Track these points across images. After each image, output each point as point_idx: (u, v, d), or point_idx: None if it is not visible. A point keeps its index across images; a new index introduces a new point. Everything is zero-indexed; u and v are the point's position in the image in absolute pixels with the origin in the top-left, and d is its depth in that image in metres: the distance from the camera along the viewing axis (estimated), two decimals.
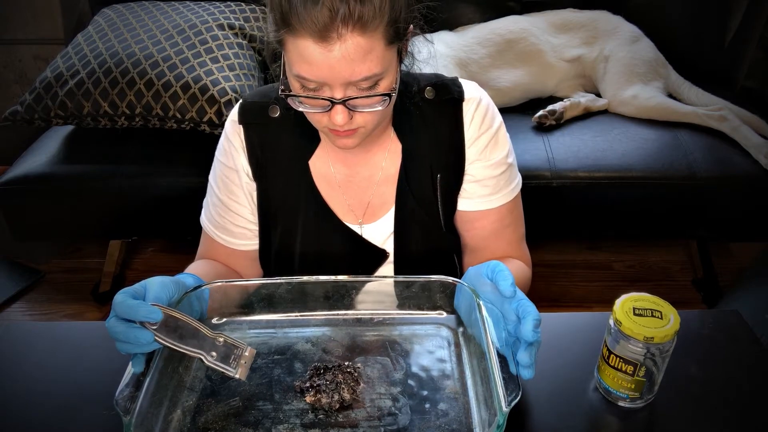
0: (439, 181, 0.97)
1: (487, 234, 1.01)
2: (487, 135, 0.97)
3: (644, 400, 0.78)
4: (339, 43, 0.75)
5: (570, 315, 0.97)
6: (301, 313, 0.88)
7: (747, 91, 2.05)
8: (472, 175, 0.98)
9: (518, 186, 1.01)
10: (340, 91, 0.79)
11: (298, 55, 0.77)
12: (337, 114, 0.81)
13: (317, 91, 0.80)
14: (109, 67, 1.68)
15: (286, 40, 0.78)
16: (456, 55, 1.93)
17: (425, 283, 0.87)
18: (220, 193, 1.00)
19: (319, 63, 0.76)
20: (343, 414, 0.74)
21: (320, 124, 0.86)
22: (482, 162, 0.97)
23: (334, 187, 0.99)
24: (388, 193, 0.99)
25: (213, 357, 0.72)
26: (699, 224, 1.81)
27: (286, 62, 0.81)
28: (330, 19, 0.73)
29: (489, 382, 0.71)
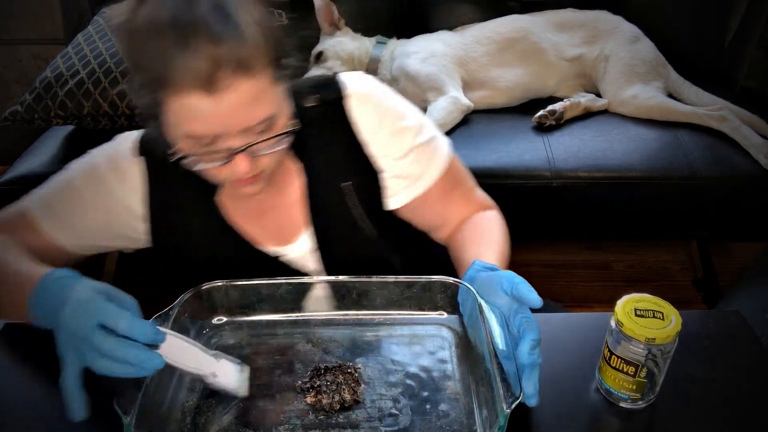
0: (348, 189, 0.93)
1: (437, 212, 0.98)
2: (386, 126, 0.92)
3: (645, 401, 0.78)
4: (227, 91, 0.71)
5: (570, 315, 0.97)
6: (302, 313, 0.88)
7: (747, 91, 2.05)
8: (389, 170, 0.94)
9: (443, 152, 0.97)
10: (237, 140, 0.76)
11: (185, 113, 0.73)
12: (240, 164, 0.77)
13: (212, 145, 0.76)
14: (109, 67, 1.68)
15: (166, 100, 0.73)
16: (456, 54, 1.93)
17: (426, 283, 0.87)
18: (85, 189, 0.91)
19: (211, 116, 0.72)
20: (343, 415, 0.74)
21: (220, 177, 0.81)
22: (391, 156, 0.93)
23: (247, 219, 0.95)
24: (299, 216, 0.95)
25: (215, 377, 0.72)
26: (699, 224, 1.81)
27: (170, 123, 0.76)
28: (213, 67, 0.69)
29: (490, 383, 0.71)
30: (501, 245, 0.92)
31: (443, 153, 0.97)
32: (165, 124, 0.77)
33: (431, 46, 1.94)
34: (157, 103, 0.75)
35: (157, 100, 0.74)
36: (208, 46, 0.69)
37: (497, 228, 0.96)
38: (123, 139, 0.93)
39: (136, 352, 0.64)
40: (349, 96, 0.92)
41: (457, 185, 0.99)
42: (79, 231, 0.92)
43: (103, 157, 0.92)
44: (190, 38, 0.69)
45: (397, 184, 0.95)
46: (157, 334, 0.66)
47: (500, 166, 1.69)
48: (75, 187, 0.91)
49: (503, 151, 1.73)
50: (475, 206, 1.01)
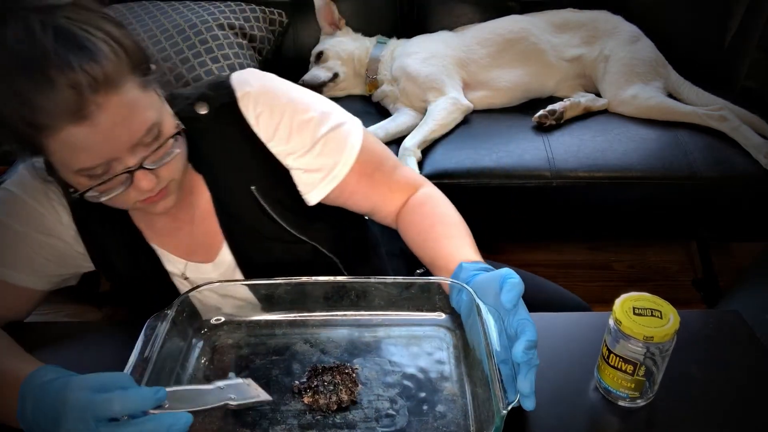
0: (257, 193, 0.90)
1: (363, 197, 0.95)
2: (285, 123, 0.88)
3: (644, 399, 0.78)
4: (98, 112, 0.69)
5: (570, 315, 0.97)
6: (300, 313, 0.88)
7: (747, 91, 2.04)
8: (297, 167, 0.91)
9: (354, 138, 0.92)
10: (131, 158, 0.74)
11: (67, 150, 0.70)
12: (142, 181, 0.75)
13: (108, 173, 0.74)
14: None
15: (44, 143, 0.70)
16: (456, 54, 1.93)
17: (424, 284, 0.87)
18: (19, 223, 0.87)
19: (93, 143, 0.70)
20: (340, 415, 0.74)
21: (129, 202, 0.79)
22: (297, 152, 0.90)
23: (162, 237, 0.93)
24: (215, 229, 0.92)
25: (232, 398, 0.72)
26: (699, 224, 1.81)
27: (57, 165, 0.74)
28: (75, 95, 0.67)
29: (487, 384, 0.70)
30: (464, 229, 0.90)
31: (353, 138, 0.92)
32: (55, 167, 0.75)
33: (431, 47, 1.94)
34: (36, 151, 0.73)
35: (35, 147, 0.72)
36: (63, 76, 0.66)
37: (448, 209, 0.94)
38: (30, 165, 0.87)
39: (154, 424, 0.61)
40: (241, 97, 0.88)
41: (376, 167, 0.95)
42: (35, 264, 0.89)
43: (16, 186, 0.89)
44: (44, 74, 0.66)
45: (311, 178, 0.92)
46: (157, 393, 0.63)
47: (500, 166, 1.69)
48: (4, 224, 0.87)
49: (503, 151, 1.73)
50: (404, 186, 0.97)
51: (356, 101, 2.06)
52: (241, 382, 0.74)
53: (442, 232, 0.91)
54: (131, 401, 0.62)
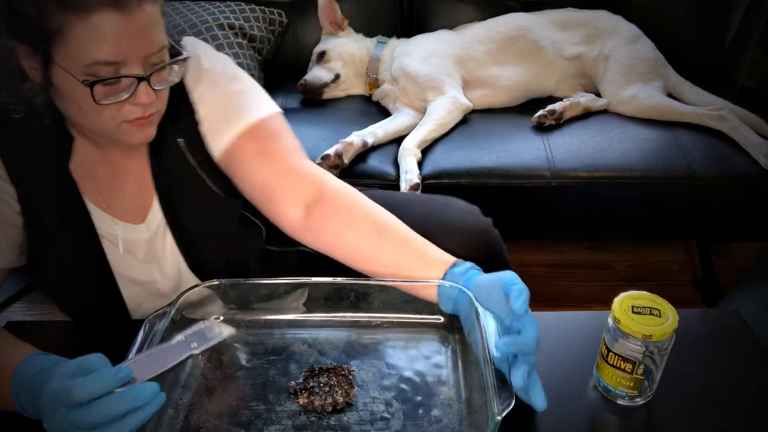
0: (184, 146, 0.91)
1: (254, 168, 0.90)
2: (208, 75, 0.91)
3: (643, 398, 0.77)
4: (136, 9, 0.72)
5: (569, 314, 0.97)
6: (299, 314, 0.88)
7: (747, 91, 2.04)
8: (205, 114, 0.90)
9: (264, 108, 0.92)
10: (140, 67, 0.76)
11: (91, 36, 0.71)
12: (143, 94, 0.77)
13: (115, 75, 0.75)
14: None
15: (67, 26, 0.70)
16: (455, 53, 1.93)
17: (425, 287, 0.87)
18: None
19: (119, 36, 0.72)
20: (335, 417, 0.73)
21: (114, 120, 0.79)
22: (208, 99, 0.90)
23: (99, 191, 0.91)
24: (147, 188, 0.92)
25: (195, 346, 0.72)
26: (699, 224, 1.81)
27: (68, 58, 0.73)
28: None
29: (483, 389, 0.70)
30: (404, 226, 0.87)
31: (261, 108, 0.92)
32: (61, 62, 0.73)
33: (431, 46, 1.94)
34: (57, 32, 0.71)
35: (52, 32, 0.71)
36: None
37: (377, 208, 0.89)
38: None
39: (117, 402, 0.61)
40: None
41: (274, 140, 0.92)
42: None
43: None
44: None
45: (211, 124, 0.91)
46: (118, 373, 0.62)
47: (500, 166, 1.69)
48: None
49: (503, 151, 1.73)
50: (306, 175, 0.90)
51: (356, 101, 2.06)
52: (203, 326, 0.75)
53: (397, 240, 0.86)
54: (93, 385, 0.61)
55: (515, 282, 0.74)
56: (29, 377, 0.68)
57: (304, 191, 0.89)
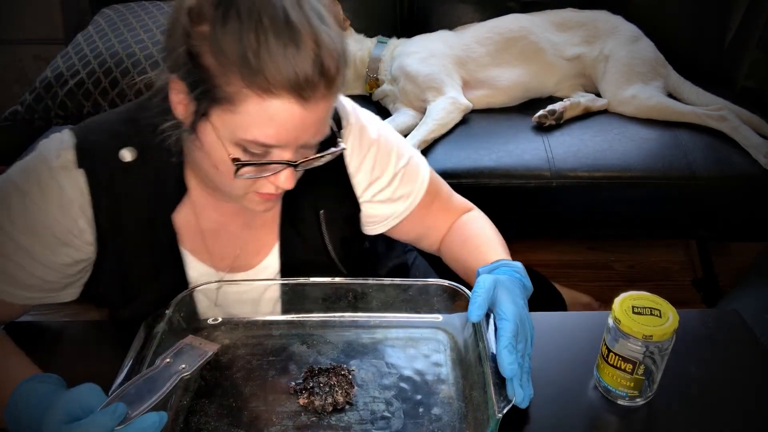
0: (322, 217, 0.90)
1: (418, 224, 0.97)
2: (370, 156, 0.90)
3: (643, 398, 0.77)
4: (317, 101, 0.68)
5: (569, 314, 0.97)
6: (297, 314, 0.88)
7: (747, 91, 2.04)
8: (371, 202, 0.92)
9: (425, 177, 0.95)
10: (293, 154, 0.72)
11: (262, 118, 0.67)
12: (286, 177, 0.73)
13: (262, 156, 0.71)
14: (109, 67, 1.68)
15: (242, 99, 0.66)
16: (455, 54, 1.93)
17: (423, 286, 0.87)
18: (21, 234, 0.77)
19: (293, 126, 0.68)
20: (335, 417, 0.73)
21: (245, 189, 0.76)
22: (376, 184, 0.91)
23: (202, 239, 0.88)
24: (267, 238, 0.90)
25: (183, 368, 0.70)
26: (699, 224, 1.81)
27: (226, 125, 0.69)
28: (317, 72, 0.66)
29: (483, 387, 0.70)
30: (495, 237, 0.92)
31: (424, 172, 0.96)
32: (216, 124, 0.70)
33: (431, 46, 1.94)
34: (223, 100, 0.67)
35: (224, 97, 0.67)
36: (316, 50, 0.65)
37: (486, 226, 0.96)
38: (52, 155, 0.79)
39: None
40: (345, 127, 0.88)
41: (435, 197, 0.97)
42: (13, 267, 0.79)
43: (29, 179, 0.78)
44: (301, 37, 0.64)
45: (383, 209, 0.93)
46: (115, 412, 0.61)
47: (500, 166, 1.69)
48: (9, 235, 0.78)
49: (503, 151, 1.73)
50: (455, 212, 0.99)
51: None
52: (185, 345, 0.74)
53: (471, 246, 0.91)
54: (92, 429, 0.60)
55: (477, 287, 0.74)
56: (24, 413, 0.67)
57: (449, 224, 0.98)
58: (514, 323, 0.71)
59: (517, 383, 0.69)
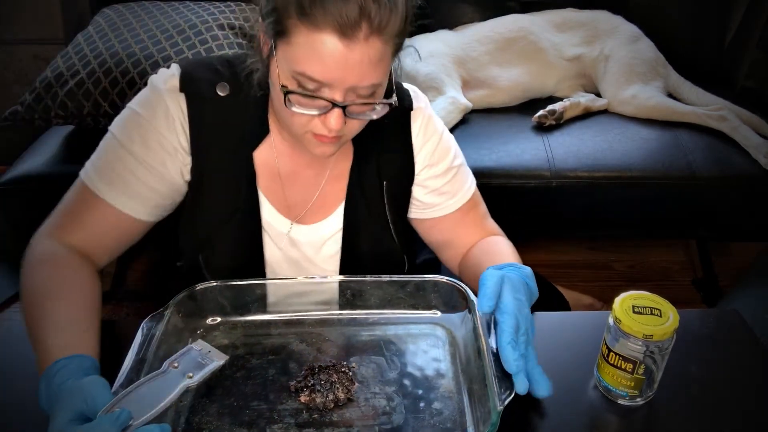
0: (386, 188, 0.96)
1: (449, 229, 1.01)
2: (432, 142, 0.97)
3: (644, 398, 0.77)
4: (362, 43, 0.72)
5: (570, 314, 0.97)
6: (296, 313, 0.88)
7: (747, 91, 2.04)
8: (423, 185, 0.98)
9: (472, 185, 1.02)
10: (341, 95, 0.76)
11: (310, 51, 0.73)
12: (334, 118, 0.78)
13: (316, 92, 0.76)
14: (110, 67, 1.68)
15: (296, 31, 0.73)
16: (455, 53, 1.93)
17: (420, 282, 0.88)
18: (134, 145, 0.87)
19: (335, 62, 0.73)
20: (337, 413, 0.74)
21: (303, 127, 0.81)
22: (430, 169, 0.97)
23: (277, 182, 0.94)
24: (334, 193, 0.96)
25: (190, 376, 0.71)
26: (699, 224, 1.81)
27: (285, 57, 0.76)
28: (359, 15, 0.71)
29: (483, 380, 0.71)
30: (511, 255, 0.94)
31: (471, 184, 1.01)
32: (279, 56, 0.77)
33: (431, 46, 1.94)
34: (284, 32, 0.74)
35: (286, 29, 0.74)
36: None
37: (509, 248, 0.98)
38: (163, 79, 0.89)
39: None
40: (416, 109, 0.96)
41: (474, 209, 1.02)
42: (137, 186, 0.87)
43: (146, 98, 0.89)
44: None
45: (427, 200, 0.99)
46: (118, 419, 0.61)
47: (500, 166, 1.69)
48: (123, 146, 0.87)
49: (503, 151, 1.73)
50: (485, 232, 1.02)
51: None
52: (193, 351, 0.74)
53: (486, 257, 0.94)
54: None
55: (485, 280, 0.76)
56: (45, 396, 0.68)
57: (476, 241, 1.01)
58: (515, 317, 0.73)
59: (523, 377, 0.70)
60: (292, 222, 0.96)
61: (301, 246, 0.97)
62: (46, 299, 0.79)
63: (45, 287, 0.81)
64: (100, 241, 0.88)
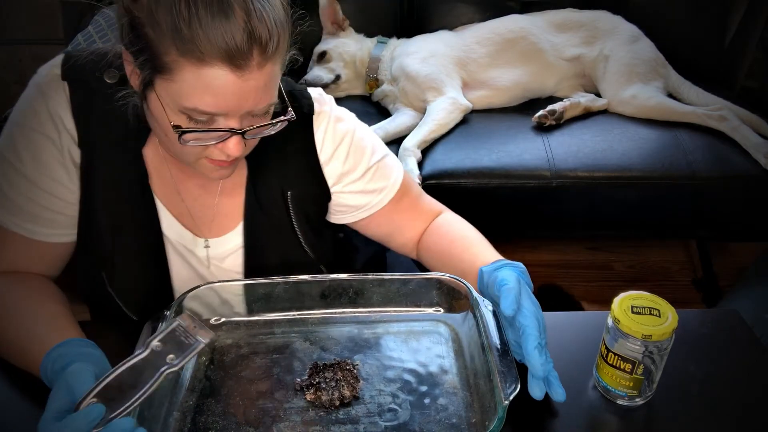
0: (290, 198, 0.91)
1: (386, 221, 0.98)
2: (343, 146, 0.93)
3: (643, 398, 0.78)
4: (253, 70, 0.69)
5: (569, 314, 0.97)
6: (299, 312, 0.88)
7: (747, 91, 2.04)
8: (342, 192, 0.95)
9: (399, 175, 0.97)
10: (237, 122, 0.73)
11: (199, 86, 0.68)
12: (233, 144, 0.74)
13: (209, 123, 0.73)
14: None
15: (178, 68, 0.68)
16: (455, 54, 1.93)
17: (422, 280, 0.88)
18: (25, 166, 0.81)
19: (230, 93, 0.69)
20: (343, 411, 0.74)
21: (197, 156, 0.77)
22: (348, 176, 0.94)
23: (171, 187, 0.89)
24: (232, 208, 0.91)
25: (171, 358, 0.67)
26: (699, 224, 1.81)
27: (169, 93, 0.71)
28: (248, 40, 0.67)
29: (488, 375, 0.71)
30: (480, 238, 0.94)
31: (397, 171, 0.98)
32: (160, 92, 0.71)
33: (431, 46, 1.94)
34: (162, 69, 0.69)
35: (163, 66, 0.68)
36: (244, 15, 0.66)
37: (468, 227, 0.97)
38: (44, 70, 0.83)
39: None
40: (318, 113, 0.91)
41: (404, 196, 0.98)
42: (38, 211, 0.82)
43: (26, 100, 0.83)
44: (231, 8, 0.66)
45: (353, 203, 0.96)
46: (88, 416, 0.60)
47: (500, 166, 1.69)
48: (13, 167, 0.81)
49: (503, 151, 1.73)
50: (425, 214, 1.00)
51: (356, 101, 2.06)
52: (176, 328, 0.69)
53: (461, 246, 0.93)
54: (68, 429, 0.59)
55: (505, 282, 0.76)
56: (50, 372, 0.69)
57: (423, 226, 0.99)
58: (536, 320, 0.74)
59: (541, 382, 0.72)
60: (195, 237, 0.91)
61: (203, 260, 0.93)
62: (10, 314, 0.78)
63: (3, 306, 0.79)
64: (25, 266, 0.85)
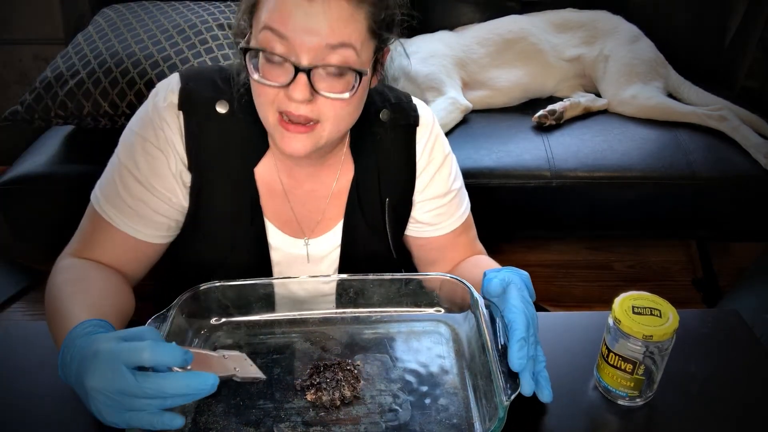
0: (387, 205, 0.96)
1: (439, 250, 1.01)
2: (436, 162, 0.97)
3: (643, 398, 0.78)
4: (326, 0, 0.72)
5: (569, 314, 0.97)
6: (300, 312, 0.88)
7: (747, 91, 2.05)
8: (421, 203, 0.98)
9: (467, 209, 1.02)
10: (306, 58, 0.74)
11: (273, 3, 0.74)
12: (297, 87, 0.74)
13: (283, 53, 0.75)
14: (109, 67, 1.68)
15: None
16: (455, 54, 1.93)
17: (423, 280, 0.88)
18: (140, 172, 0.86)
19: (295, 14, 0.72)
20: (344, 411, 0.74)
21: (270, 107, 0.78)
22: (431, 191, 0.97)
23: (281, 198, 0.93)
24: (335, 210, 0.95)
25: (237, 370, 0.72)
26: (699, 224, 1.81)
27: (256, 25, 0.77)
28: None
29: (488, 376, 0.71)
30: None
31: (466, 208, 1.01)
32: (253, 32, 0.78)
33: (431, 46, 1.94)
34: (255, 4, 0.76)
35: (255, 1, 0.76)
36: None
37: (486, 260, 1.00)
38: (161, 94, 0.87)
39: (186, 381, 0.60)
40: (421, 125, 0.95)
41: (464, 232, 1.02)
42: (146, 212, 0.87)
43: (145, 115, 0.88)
44: None
45: (423, 218, 0.99)
46: (185, 355, 0.61)
47: (500, 166, 1.70)
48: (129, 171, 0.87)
49: (503, 151, 1.73)
50: (472, 255, 1.03)
51: None
52: (238, 354, 0.74)
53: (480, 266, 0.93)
54: (161, 354, 0.60)
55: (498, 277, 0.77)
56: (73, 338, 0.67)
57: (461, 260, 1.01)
58: (524, 315, 0.73)
59: (529, 377, 0.71)
60: (296, 239, 0.95)
61: (303, 260, 0.97)
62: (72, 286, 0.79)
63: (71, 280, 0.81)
64: (120, 261, 0.88)
